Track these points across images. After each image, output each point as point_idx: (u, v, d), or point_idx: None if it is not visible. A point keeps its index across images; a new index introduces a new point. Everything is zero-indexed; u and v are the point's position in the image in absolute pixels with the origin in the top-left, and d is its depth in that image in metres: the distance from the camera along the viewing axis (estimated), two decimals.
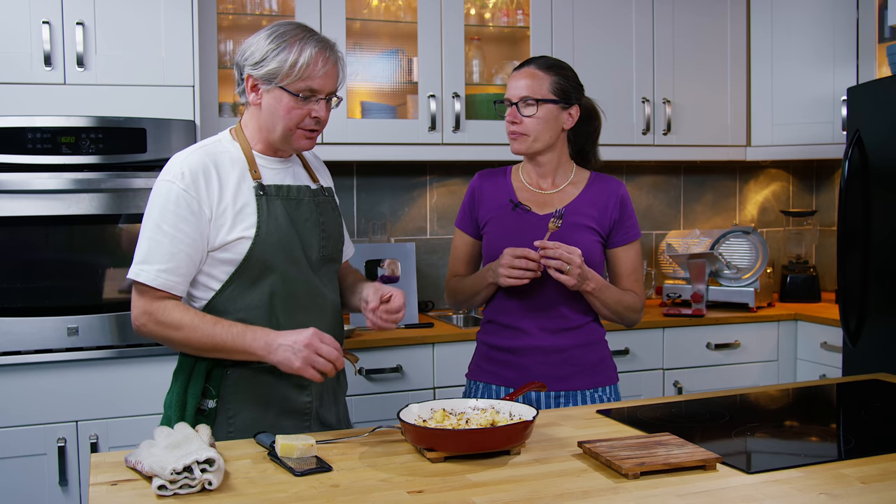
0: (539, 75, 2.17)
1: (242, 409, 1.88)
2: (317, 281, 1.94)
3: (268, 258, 1.84)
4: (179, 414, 1.84)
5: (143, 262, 1.81)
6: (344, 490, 1.45)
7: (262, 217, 1.85)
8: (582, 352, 2.21)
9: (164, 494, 1.42)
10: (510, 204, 2.23)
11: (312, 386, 1.92)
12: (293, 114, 1.85)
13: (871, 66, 3.55)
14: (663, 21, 3.70)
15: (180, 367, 1.90)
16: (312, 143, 1.93)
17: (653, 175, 4.14)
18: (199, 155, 1.87)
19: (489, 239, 2.25)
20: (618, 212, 2.23)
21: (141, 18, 2.81)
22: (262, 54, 1.84)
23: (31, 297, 2.70)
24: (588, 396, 2.21)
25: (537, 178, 2.26)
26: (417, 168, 3.74)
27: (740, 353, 3.53)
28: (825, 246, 4.18)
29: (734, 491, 1.44)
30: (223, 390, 1.87)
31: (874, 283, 3.05)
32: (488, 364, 2.26)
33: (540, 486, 1.46)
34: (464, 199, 2.34)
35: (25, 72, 2.70)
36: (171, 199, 1.82)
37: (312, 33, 1.88)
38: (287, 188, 1.92)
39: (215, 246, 1.83)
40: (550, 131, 2.19)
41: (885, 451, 1.64)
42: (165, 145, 2.78)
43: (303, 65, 1.82)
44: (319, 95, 1.86)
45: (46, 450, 2.70)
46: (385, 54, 3.50)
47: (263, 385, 1.88)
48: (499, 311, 2.24)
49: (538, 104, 2.15)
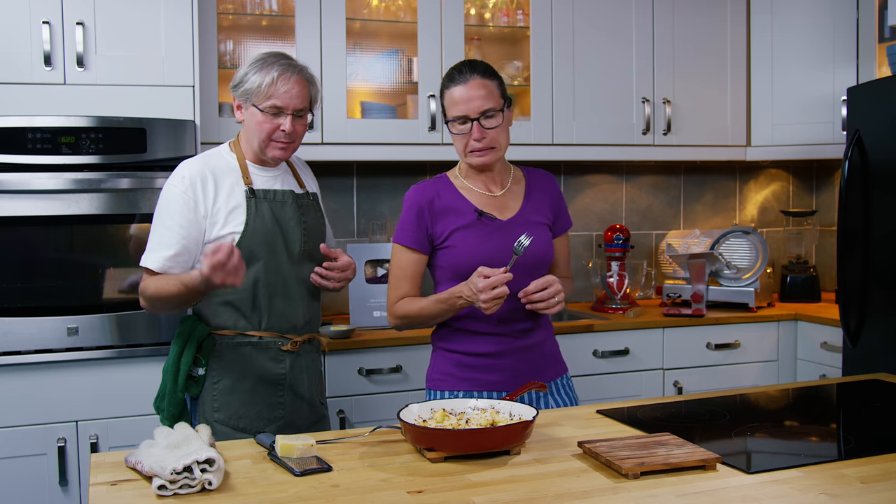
0: (487, 84, 2.15)
1: (225, 376, 2.22)
2: (297, 272, 2.26)
3: (253, 250, 2.17)
4: (173, 378, 2.19)
5: (150, 252, 2.18)
6: (344, 490, 1.45)
7: (250, 215, 2.18)
8: (546, 345, 2.27)
9: (164, 494, 1.42)
10: (473, 214, 2.19)
11: (287, 358, 2.25)
12: (263, 127, 2.18)
13: (871, 66, 3.55)
14: (663, 21, 3.70)
15: (176, 340, 2.21)
16: (285, 153, 2.23)
17: (653, 175, 4.14)
18: (199, 163, 2.22)
19: (453, 252, 2.18)
20: (556, 203, 2.32)
21: (141, 18, 2.81)
22: (241, 77, 2.20)
23: (31, 297, 2.70)
24: (557, 385, 2.27)
25: (487, 183, 2.25)
26: (417, 168, 3.74)
27: (740, 353, 3.53)
28: (825, 246, 4.18)
29: (734, 491, 1.44)
30: (211, 359, 2.22)
31: (874, 283, 3.05)
32: (465, 371, 2.19)
33: (540, 486, 1.46)
34: (405, 215, 2.24)
35: (25, 72, 2.70)
36: (173, 199, 2.17)
37: (283, 59, 2.19)
38: (273, 192, 2.25)
39: (210, 239, 2.17)
40: (508, 135, 2.21)
41: (885, 451, 1.64)
42: (165, 145, 2.78)
43: (266, 84, 2.15)
44: (286, 112, 2.17)
45: (46, 450, 2.70)
46: (385, 54, 3.50)
47: (244, 356, 2.22)
48: (467, 320, 2.19)
49: (498, 113, 2.15)
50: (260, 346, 2.22)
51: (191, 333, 2.20)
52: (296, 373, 2.27)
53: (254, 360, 2.22)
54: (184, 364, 2.19)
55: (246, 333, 2.22)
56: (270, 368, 2.24)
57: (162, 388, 2.23)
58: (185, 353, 2.19)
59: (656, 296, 3.95)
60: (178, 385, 2.19)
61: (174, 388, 2.19)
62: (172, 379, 2.19)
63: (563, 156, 3.61)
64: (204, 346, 2.21)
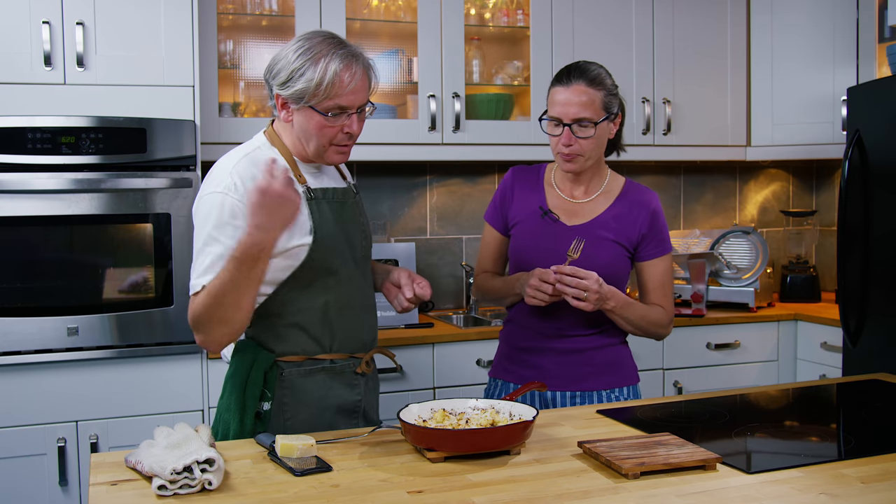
0: (590, 93, 2.07)
1: (300, 410, 1.89)
2: (361, 280, 1.98)
3: (325, 262, 1.86)
4: (239, 418, 1.83)
5: (203, 275, 1.76)
6: (344, 490, 1.45)
7: (316, 222, 1.85)
8: (599, 353, 2.20)
9: (164, 494, 1.42)
10: (538, 210, 2.20)
11: (361, 384, 1.97)
12: (325, 131, 1.83)
13: (871, 66, 3.55)
14: (663, 21, 3.70)
15: (236, 370, 1.87)
16: (345, 156, 1.91)
17: (653, 175, 4.14)
18: (246, 164, 1.83)
19: (515, 242, 2.24)
20: (647, 226, 2.18)
21: (141, 18, 2.81)
22: (288, 74, 1.80)
23: (31, 297, 2.70)
24: (605, 397, 2.20)
25: (571, 186, 2.22)
26: (417, 168, 3.74)
27: (740, 353, 3.53)
28: (825, 246, 4.18)
29: (734, 491, 1.44)
30: (279, 392, 1.88)
31: (874, 283, 3.05)
32: (509, 363, 2.27)
33: (540, 486, 1.46)
34: (495, 194, 2.30)
35: (25, 72, 2.70)
36: (226, 212, 1.77)
37: (339, 46, 1.82)
38: (332, 191, 1.92)
39: (274, 254, 1.76)
40: (602, 147, 2.15)
41: (885, 451, 1.64)
42: (165, 145, 2.78)
43: (329, 84, 1.77)
44: (350, 111, 1.83)
45: (46, 450, 2.70)
46: (385, 54, 3.50)
47: (319, 385, 1.90)
48: (522, 312, 2.23)
49: (593, 126, 2.08)
50: (334, 371, 1.92)
51: (253, 362, 1.86)
52: (368, 397, 2.00)
53: (330, 389, 1.91)
54: (250, 399, 1.83)
55: (316, 358, 1.90)
56: (347, 396, 1.94)
57: (222, 429, 1.87)
58: (250, 387, 1.84)
59: None
60: (245, 427, 1.83)
61: (240, 431, 1.82)
62: (239, 419, 1.83)
63: None
64: (269, 376, 1.86)
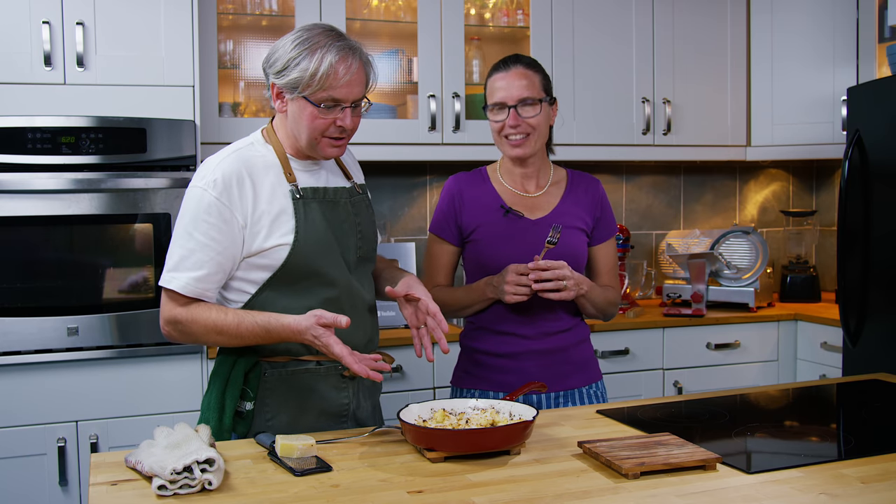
0: (529, 75, 2.14)
1: (281, 411, 1.88)
2: (354, 283, 1.93)
3: (306, 264, 1.84)
4: (218, 416, 1.84)
5: (174, 270, 1.80)
6: (344, 490, 1.45)
7: (299, 222, 1.83)
8: (575, 351, 2.23)
9: (164, 494, 1.42)
10: (500, 210, 2.19)
11: (350, 386, 1.93)
12: (316, 123, 1.82)
13: (871, 66, 3.55)
14: (663, 21, 3.70)
15: (218, 368, 1.88)
16: (340, 150, 1.89)
17: (653, 175, 4.14)
18: (232, 161, 1.83)
19: (478, 247, 2.20)
20: (599, 209, 2.26)
21: (141, 18, 2.81)
22: (284, 63, 1.80)
23: (31, 297, 2.70)
24: (584, 393, 2.23)
25: (522, 181, 2.24)
26: (417, 168, 3.74)
27: (740, 353, 3.53)
28: (825, 246, 4.18)
29: (734, 491, 1.44)
30: (261, 392, 1.87)
31: (874, 283, 3.05)
32: (479, 370, 2.22)
33: (540, 486, 1.46)
34: (440, 205, 2.25)
35: (25, 72, 2.70)
36: (202, 208, 1.79)
37: (336, 39, 1.81)
38: (323, 190, 1.90)
39: (251, 252, 1.81)
40: (546, 130, 2.19)
41: (885, 451, 1.64)
42: (165, 145, 2.78)
43: (323, 74, 1.77)
44: (343, 104, 1.82)
45: (46, 450, 2.70)
46: (385, 54, 3.50)
47: (302, 386, 1.88)
48: (493, 317, 2.20)
49: (538, 103, 2.13)
50: (319, 373, 1.89)
51: (235, 362, 1.86)
52: (359, 400, 1.97)
53: (313, 391, 1.89)
54: (230, 399, 1.84)
55: (301, 359, 1.88)
56: (333, 399, 1.91)
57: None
58: (230, 386, 1.84)
59: (656, 296, 3.95)
60: (224, 425, 1.84)
61: (219, 429, 1.83)
62: (217, 417, 1.83)
63: (563, 156, 3.57)
64: (251, 376, 1.86)
